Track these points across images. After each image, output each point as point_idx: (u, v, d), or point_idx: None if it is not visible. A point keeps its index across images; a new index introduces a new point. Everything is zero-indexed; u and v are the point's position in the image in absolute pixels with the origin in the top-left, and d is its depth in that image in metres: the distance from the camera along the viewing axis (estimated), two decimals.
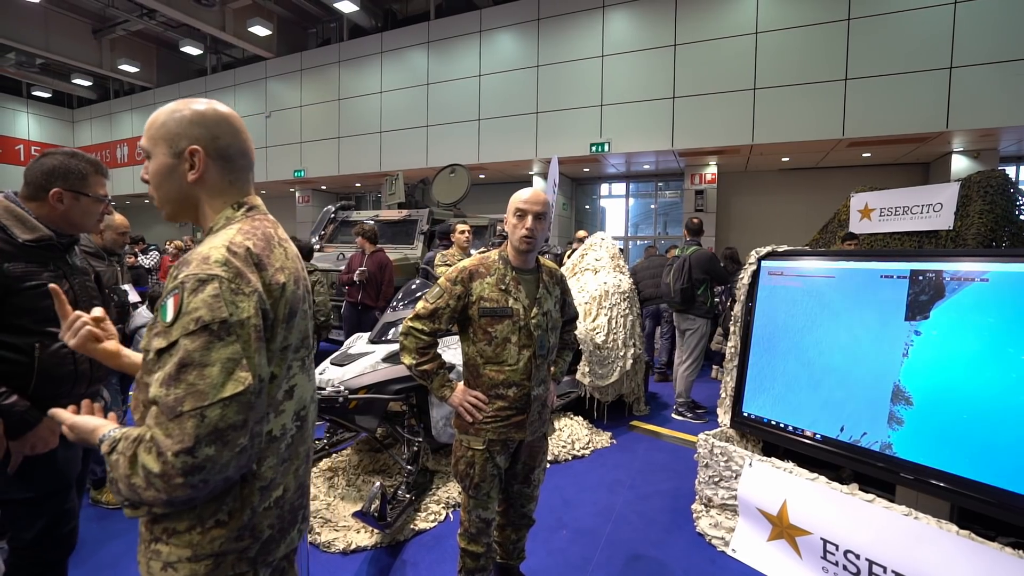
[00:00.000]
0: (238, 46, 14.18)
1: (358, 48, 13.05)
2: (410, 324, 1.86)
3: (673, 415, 4.64)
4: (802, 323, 2.70)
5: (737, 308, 3.02)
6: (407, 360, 1.87)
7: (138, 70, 15.90)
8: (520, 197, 1.84)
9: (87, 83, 17.57)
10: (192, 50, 15.44)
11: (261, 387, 0.87)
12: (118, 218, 3.03)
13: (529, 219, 1.80)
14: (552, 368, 2.03)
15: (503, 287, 1.83)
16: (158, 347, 0.83)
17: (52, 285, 1.11)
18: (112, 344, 1.13)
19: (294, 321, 0.98)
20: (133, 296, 3.46)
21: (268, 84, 14.47)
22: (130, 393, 4.59)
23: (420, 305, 1.86)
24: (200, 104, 0.98)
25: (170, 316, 0.83)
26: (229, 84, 15.15)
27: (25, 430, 1.41)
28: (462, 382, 1.93)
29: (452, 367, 2.03)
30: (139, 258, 8.03)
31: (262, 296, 0.89)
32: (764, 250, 2.99)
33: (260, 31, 13.45)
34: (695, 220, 4.83)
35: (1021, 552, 1.77)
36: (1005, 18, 7.43)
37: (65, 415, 0.96)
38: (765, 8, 8.88)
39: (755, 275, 2.98)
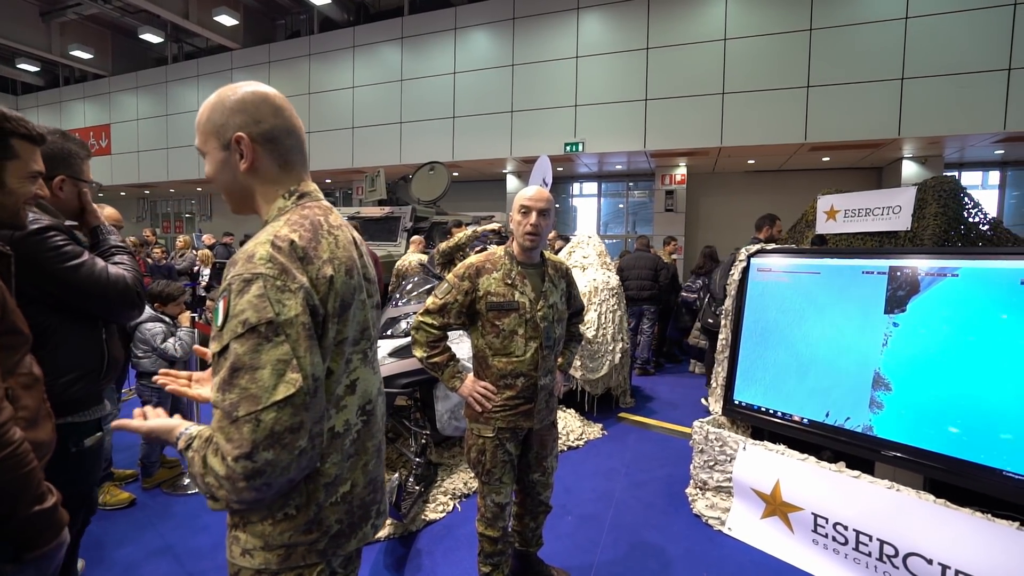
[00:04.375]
0: (202, 35, 13.68)
1: (329, 42, 12.80)
2: (420, 319, 1.93)
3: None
4: (790, 317, 2.90)
5: (728, 303, 3.21)
6: (419, 353, 1.94)
7: (92, 57, 15.12)
8: (524, 195, 1.94)
9: (34, 68, 16.58)
10: (152, 38, 14.78)
11: (315, 386, 0.85)
12: (109, 211, 2.94)
13: (533, 215, 1.89)
14: (560, 359, 2.13)
15: (509, 282, 1.92)
16: (214, 351, 0.84)
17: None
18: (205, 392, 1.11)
19: (348, 313, 0.95)
20: None
21: (234, 76, 13.98)
22: (123, 391, 4.45)
23: (430, 300, 1.94)
24: (239, 89, 0.96)
25: (220, 320, 0.83)
26: (192, 75, 14.60)
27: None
28: (471, 373, 2.01)
29: (458, 360, 2.11)
30: None
31: (309, 292, 0.86)
32: (753, 248, 3.19)
33: (226, 20, 13.04)
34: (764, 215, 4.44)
35: (990, 516, 1.99)
36: (951, 34, 8.00)
37: (137, 424, 0.95)
38: (734, 16, 9.23)
39: (744, 272, 3.17)
